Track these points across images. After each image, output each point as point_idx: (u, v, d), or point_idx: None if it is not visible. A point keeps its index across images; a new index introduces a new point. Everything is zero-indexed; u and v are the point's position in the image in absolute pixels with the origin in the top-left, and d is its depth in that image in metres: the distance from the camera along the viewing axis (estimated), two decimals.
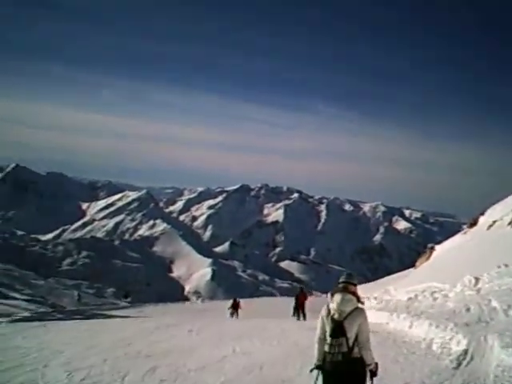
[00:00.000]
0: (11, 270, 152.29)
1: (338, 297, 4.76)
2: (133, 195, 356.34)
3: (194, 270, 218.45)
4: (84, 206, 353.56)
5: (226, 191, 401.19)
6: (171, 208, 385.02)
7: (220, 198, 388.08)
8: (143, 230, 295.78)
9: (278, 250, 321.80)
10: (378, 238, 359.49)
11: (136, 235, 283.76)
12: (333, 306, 4.76)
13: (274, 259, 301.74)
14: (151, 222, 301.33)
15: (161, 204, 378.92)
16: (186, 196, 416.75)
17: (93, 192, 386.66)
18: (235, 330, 14.76)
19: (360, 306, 4.81)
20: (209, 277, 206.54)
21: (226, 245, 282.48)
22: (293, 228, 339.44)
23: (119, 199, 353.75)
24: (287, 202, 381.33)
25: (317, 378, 4.78)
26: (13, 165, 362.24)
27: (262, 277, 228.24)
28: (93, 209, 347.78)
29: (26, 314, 34.36)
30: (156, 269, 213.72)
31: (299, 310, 22.24)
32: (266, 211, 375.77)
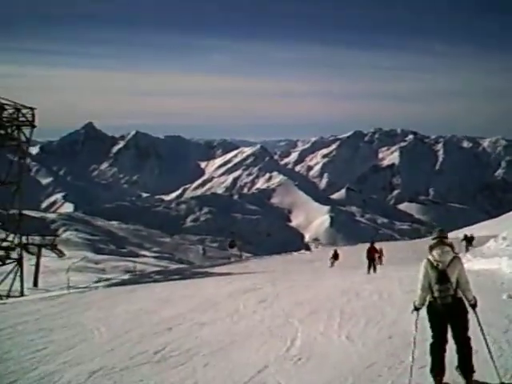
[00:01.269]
0: (140, 230, 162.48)
1: (437, 250, 5.61)
2: (248, 151, 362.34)
3: (313, 218, 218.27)
4: (202, 164, 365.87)
5: (339, 139, 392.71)
6: (286, 160, 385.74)
7: (334, 146, 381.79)
8: (260, 183, 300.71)
9: (395, 192, 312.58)
10: (499, 172, 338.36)
11: (254, 189, 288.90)
12: (434, 257, 5.59)
13: (391, 202, 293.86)
14: (267, 175, 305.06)
15: (275, 157, 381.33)
16: (300, 147, 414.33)
17: (210, 151, 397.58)
18: (319, 297, 11.89)
19: (456, 255, 5.67)
20: (327, 224, 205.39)
21: (343, 191, 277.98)
22: (410, 170, 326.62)
23: (235, 156, 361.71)
24: (402, 144, 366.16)
25: (417, 319, 5.75)
26: (133, 132, 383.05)
27: (380, 220, 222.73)
28: (211, 167, 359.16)
29: (126, 276, 34.11)
30: (275, 219, 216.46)
31: (371, 264, 21.93)
32: (380, 155, 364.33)
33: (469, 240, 32.85)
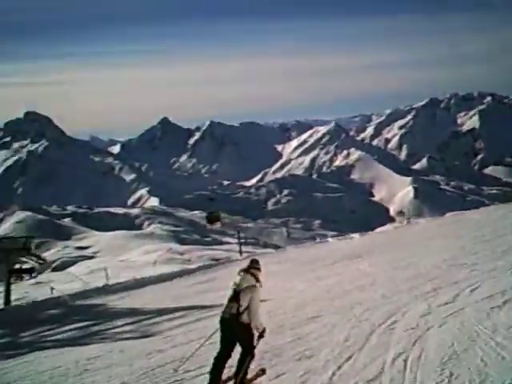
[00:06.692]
0: (222, 218, 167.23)
1: (240, 275, 6.71)
2: (322, 129, 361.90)
3: (396, 191, 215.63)
4: (279, 148, 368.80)
5: (415, 108, 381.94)
6: (362, 135, 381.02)
7: (410, 116, 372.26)
8: (339, 161, 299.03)
9: (479, 157, 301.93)
10: None
11: (332, 167, 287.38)
12: (235, 281, 6.65)
13: (476, 167, 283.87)
14: (345, 152, 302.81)
15: (351, 133, 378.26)
16: (375, 121, 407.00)
17: (285, 133, 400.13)
18: None
19: (256, 284, 6.66)
20: (411, 195, 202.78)
21: (424, 161, 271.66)
22: (491, 133, 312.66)
23: (310, 136, 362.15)
24: (481, 107, 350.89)
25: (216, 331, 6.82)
26: (208, 122, 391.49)
27: (467, 187, 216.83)
28: (288, 149, 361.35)
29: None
30: (357, 196, 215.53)
31: None
32: (459, 121, 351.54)
33: None
